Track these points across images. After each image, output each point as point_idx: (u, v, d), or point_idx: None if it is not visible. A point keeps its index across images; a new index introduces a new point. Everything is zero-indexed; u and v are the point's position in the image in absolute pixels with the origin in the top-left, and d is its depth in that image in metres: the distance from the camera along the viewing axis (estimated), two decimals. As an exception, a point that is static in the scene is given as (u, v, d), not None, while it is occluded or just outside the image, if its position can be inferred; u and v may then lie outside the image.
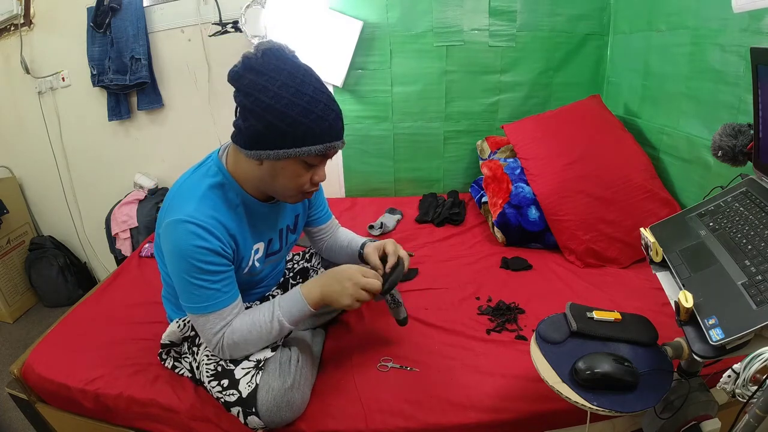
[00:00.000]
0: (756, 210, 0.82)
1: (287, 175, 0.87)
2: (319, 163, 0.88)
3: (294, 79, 0.80)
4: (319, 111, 0.81)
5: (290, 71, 0.81)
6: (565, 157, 1.61)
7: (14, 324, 2.25)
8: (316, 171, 0.89)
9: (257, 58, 0.81)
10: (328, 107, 0.83)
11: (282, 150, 0.82)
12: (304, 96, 0.80)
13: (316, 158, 0.86)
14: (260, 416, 0.87)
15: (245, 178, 0.92)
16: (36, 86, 2.11)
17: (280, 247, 1.07)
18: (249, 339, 0.91)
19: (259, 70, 0.80)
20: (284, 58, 0.82)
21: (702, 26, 1.40)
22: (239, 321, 0.92)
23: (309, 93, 0.81)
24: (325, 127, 0.82)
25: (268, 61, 0.80)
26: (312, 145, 0.82)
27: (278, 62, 0.81)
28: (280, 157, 0.83)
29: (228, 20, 1.90)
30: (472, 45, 1.98)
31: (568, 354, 0.80)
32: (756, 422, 0.60)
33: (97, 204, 2.27)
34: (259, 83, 0.80)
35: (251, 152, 0.84)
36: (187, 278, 0.86)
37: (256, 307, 0.96)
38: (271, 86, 0.79)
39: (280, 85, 0.79)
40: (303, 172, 0.87)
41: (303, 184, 0.89)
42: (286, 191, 0.91)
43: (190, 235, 0.83)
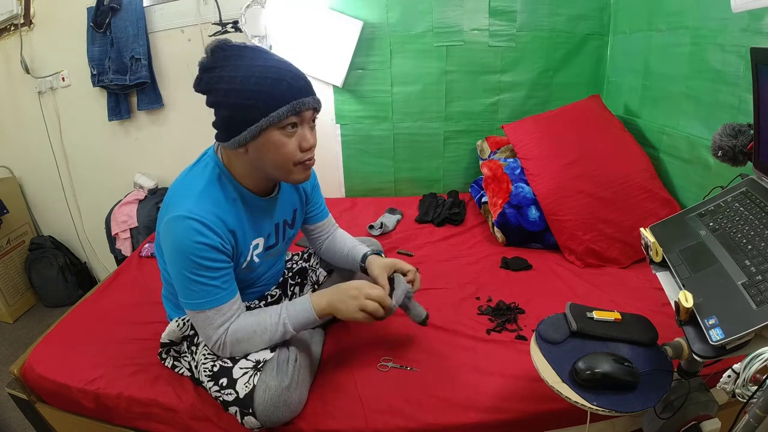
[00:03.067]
0: (756, 210, 0.82)
1: (272, 150, 0.87)
2: (299, 124, 0.88)
3: (242, 59, 0.84)
4: (273, 74, 0.83)
5: (237, 54, 0.85)
6: (565, 157, 1.61)
7: (14, 324, 2.25)
8: (300, 136, 0.88)
9: (207, 59, 0.86)
10: (282, 69, 0.85)
11: (253, 125, 0.83)
12: (254, 68, 0.83)
13: (290, 120, 0.85)
14: (257, 416, 0.87)
15: (241, 172, 0.93)
16: (36, 86, 2.11)
17: (277, 241, 1.07)
18: (252, 338, 0.92)
19: (210, 67, 0.85)
20: (230, 48, 0.86)
21: (702, 26, 1.40)
22: (244, 319, 0.93)
23: (259, 64, 0.84)
24: (285, 87, 0.83)
25: (216, 57, 0.85)
26: (277, 108, 0.83)
27: (224, 53, 0.85)
28: (256, 134, 0.84)
29: (228, 20, 1.90)
30: (472, 45, 1.98)
31: (568, 354, 0.80)
32: (756, 422, 0.60)
33: (97, 204, 2.28)
34: (214, 76, 0.84)
35: (231, 142, 0.86)
36: (186, 274, 0.86)
37: (263, 309, 0.97)
38: (225, 73, 0.83)
39: (230, 69, 0.83)
40: (285, 140, 0.86)
41: (292, 153, 0.88)
42: (280, 167, 0.90)
43: (190, 231, 0.84)
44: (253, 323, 0.93)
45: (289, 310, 0.95)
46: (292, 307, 0.96)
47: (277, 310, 0.95)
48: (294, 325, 0.95)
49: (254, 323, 0.93)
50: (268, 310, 0.96)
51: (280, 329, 0.94)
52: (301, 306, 0.96)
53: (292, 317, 0.95)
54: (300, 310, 0.95)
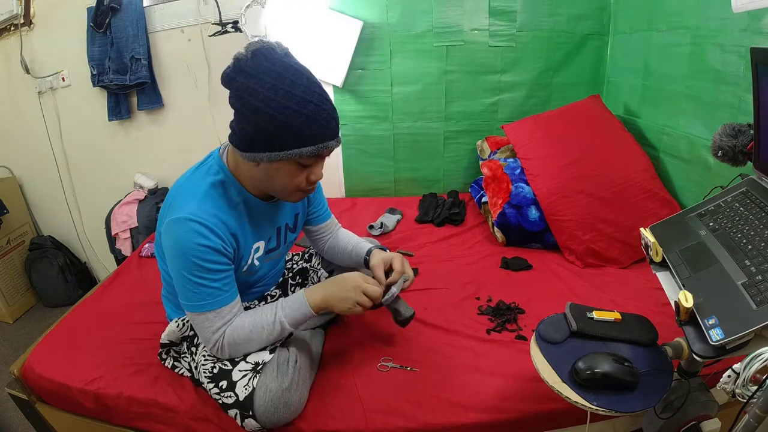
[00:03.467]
0: (756, 210, 0.82)
1: (283, 176, 0.87)
2: (314, 162, 0.88)
3: (283, 80, 0.79)
4: (309, 112, 0.80)
5: (279, 72, 0.80)
6: (565, 157, 1.61)
7: (14, 324, 2.25)
8: (311, 170, 0.89)
9: (246, 60, 0.80)
10: (319, 107, 0.82)
11: (274, 152, 0.82)
12: (294, 97, 0.79)
13: (311, 158, 0.85)
14: (257, 418, 0.87)
15: (245, 177, 0.93)
16: (36, 86, 2.11)
17: (278, 244, 1.07)
18: (250, 339, 0.92)
19: (248, 72, 0.80)
20: (274, 59, 0.81)
21: (702, 26, 1.40)
22: (240, 320, 0.93)
23: (299, 94, 0.80)
24: (317, 128, 0.82)
25: (257, 62, 0.80)
26: (304, 146, 0.82)
27: (268, 63, 0.80)
28: (273, 159, 0.83)
29: (228, 20, 1.90)
30: (472, 45, 1.98)
31: (568, 354, 0.80)
32: (756, 422, 0.60)
33: (97, 204, 2.27)
34: (249, 86, 0.79)
35: (246, 154, 0.85)
36: (187, 276, 0.86)
37: (258, 308, 0.96)
38: (261, 89, 0.79)
39: (269, 87, 0.79)
40: (298, 172, 0.87)
41: (299, 183, 0.89)
42: (284, 191, 0.91)
43: (193, 233, 0.84)
44: (249, 324, 0.92)
45: (284, 307, 0.95)
46: (288, 304, 0.95)
47: (273, 309, 0.95)
48: (291, 322, 0.94)
49: (250, 324, 0.92)
50: (264, 310, 0.95)
51: (277, 328, 0.93)
52: (296, 303, 0.95)
53: (288, 315, 0.94)
54: (295, 308, 0.95)
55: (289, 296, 0.98)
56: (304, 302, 0.95)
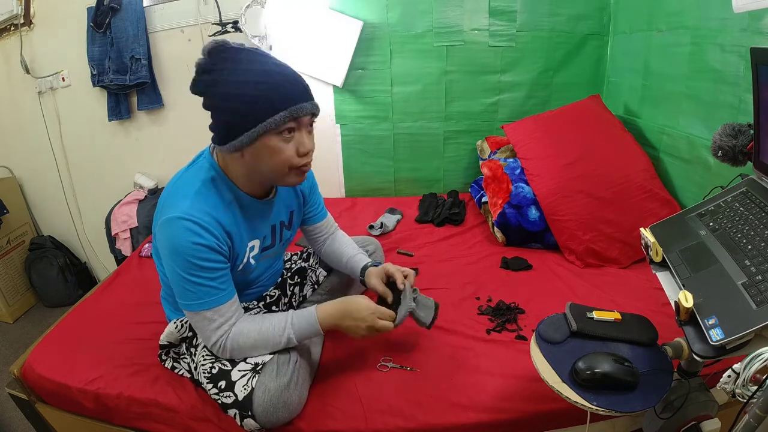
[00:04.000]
0: (756, 210, 0.82)
1: (269, 155, 0.86)
2: (297, 129, 0.87)
3: (239, 63, 0.83)
4: (271, 80, 0.82)
5: (234, 57, 0.83)
6: (565, 157, 1.61)
7: (14, 324, 2.25)
8: (298, 142, 0.87)
9: (204, 60, 0.85)
10: (280, 74, 0.84)
11: (251, 131, 0.82)
12: (252, 72, 0.82)
13: (288, 125, 0.84)
14: (256, 418, 0.87)
15: (237, 175, 0.93)
16: (36, 86, 2.11)
17: (273, 242, 1.07)
18: (255, 345, 0.93)
19: (208, 69, 0.84)
20: (227, 50, 0.84)
21: (702, 26, 1.40)
22: (247, 325, 0.92)
23: (256, 68, 0.82)
24: (282, 93, 0.83)
25: (214, 58, 0.84)
26: (275, 114, 0.82)
27: (223, 54, 0.84)
28: (253, 139, 0.83)
29: (228, 20, 1.90)
30: (472, 45, 1.98)
31: (568, 354, 0.80)
32: (756, 422, 0.60)
33: (97, 204, 2.28)
34: (211, 79, 0.83)
35: (228, 146, 0.85)
36: (183, 275, 0.86)
37: (267, 317, 0.96)
38: (220, 77, 0.82)
39: (227, 72, 0.82)
40: (283, 145, 0.86)
41: (289, 158, 0.87)
42: (277, 172, 0.89)
43: (186, 231, 0.83)
44: (256, 331, 0.92)
45: (294, 323, 0.95)
46: (298, 320, 0.95)
47: (282, 322, 0.94)
48: (298, 338, 0.96)
49: (257, 331, 0.92)
50: (273, 319, 0.95)
51: (284, 341, 0.94)
52: (306, 321, 0.96)
53: (297, 331, 0.95)
54: (305, 326, 0.95)
55: (301, 311, 0.97)
56: (315, 324, 0.96)
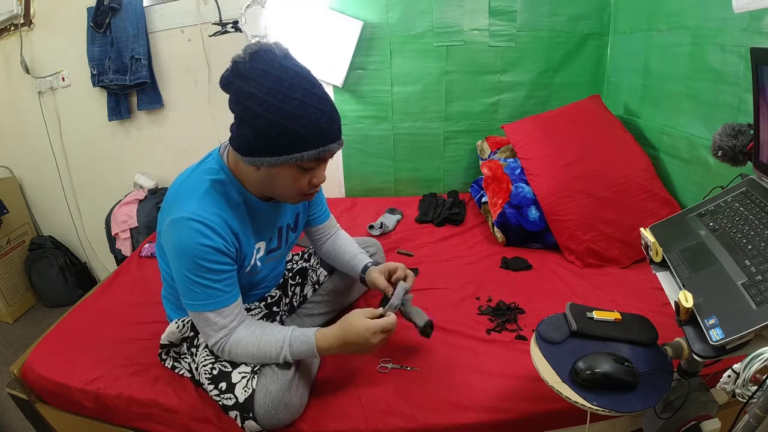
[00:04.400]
0: (756, 210, 0.82)
1: (284, 180, 0.87)
2: (317, 166, 0.88)
3: (281, 83, 0.78)
4: (310, 116, 0.79)
5: (278, 75, 0.78)
6: (565, 157, 1.61)
7: (14, 324, 2.25)
8: (314, 174, 0.88)
9: (244, 63, 0.79)
10: (320, 110, 0.80)
11: (275, 157, 0.81)
12: (293, 101, 0.78)
13: (312, 162, 0.85)
14: (257, 420, 0.87)
15: (246, 179, 0.92)
16: (36, 86, 2.11)
17: (279, 245, 1.07)
18: (252, 357, 0.92)
19: (246, 76, 0.78)
20: (272, 61, 0.79)
21: (702, 26, 1.40)
22: (247, 335, 0.91)
23: (298, 97, 0.78)
24: (317, 132, 0.81)
25: (255, 65, 0.78)
26: (305, 150, 0.81)
27: (266, 66, 0.78)
28: (274, 164, 0.82)
29: (228, 20, 1.90)
30: (472, 45, 1.98)
31: (568, 354, 0.80)
32: (756, 422, 0.60)
33: (97, 204, 2.27)
34: (247, 90, 0.78)
35: (246, 158, 0.84)
36: (189, 276, 0.85)
37: (267, 329, 0.94)
38: (259, 93, 0.77)
39: (267, 91, 0.77)
40: (300, 176, 0.86)
41: (302, 187, 0.89)
42: (285, 194, 0.91)
43: (194, 233, 0.83)
44: (254, 345, 0.91)
45: (292, 346, 0.92)
46: (296, 342, 0.92)
47: (280, 342, 0.91)
48: (294, 359, 0.93)
49: (255, 346, 0.91)
50: (272, 336, 0.92)
51: (280, 360, 0.92)
52: (305, 345, 0.92)
53: (294, 353, 0.92)
54: (304, 349, 0.92)
55: (300, 333, 0.93)
56: (313, 349, 0.91)
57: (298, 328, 0.95)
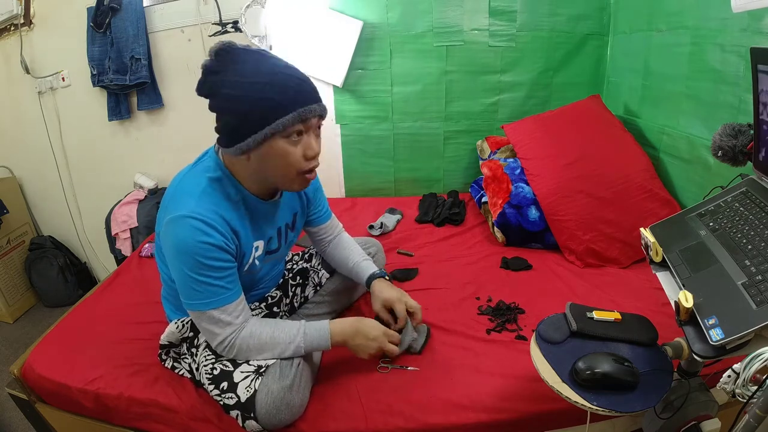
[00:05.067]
0: (756, 210, 0.82)
1: (275, 158, 0.86)
2: (304, 132, 0.86)
3: (246, 64, 0.82)
4: (279, 80, 0.82)
5: (242, 59, 0.83)
6: (565, 157, 1.61)
7: (14, 324, 2.25)
8: (305, 145, 0.87)
9: (211, 62, 0.84)
10: (288, 75, 0.84)
11: (258, 133, 0.82)
12: (259, 74, 0.82)
13: (296, 128, 0.84)
14: (258, 420, 0.87)
15: (242, 176, 0.92)
16: (36, 86, 2.11)
17: (279, 245, 1.07)
18: (263, 350, 0.93)
19: (215, 71, 0.83)
20: (233, 51, 0.83)
21: (702, 26, 1.40)
22: (260, 328, 0.93)
23: (263, 69, 0.82)
24: (291, 95, 0.83)
25: (220, 60, 0.83)
26: (283, 116, 0.82)
27: (230, 56, 0.83)
28: (260, 142, 0.83)
29: (228, 20, 1.90)
30: (472, 45, 1.98)
31: (568, 354, 0.80)
32: (756, 422, 0.60)
33: (97, 204, 2.27)
34: (218, 80, 0.83)
35: (234, 148, 0.85)
36: (190, 274, 0.85)
37: (281, 323, 0.97)
38: (229, 78, 0.82)
39: (234, 73, 0.81)
40: (290, 149, 0.85)
41: (296, 162, 0.87)
42: (283, 176, 0.89)
43: (194, 230, 0.83)
44: (268, 335, 0.93)
45: (306, 334, 0.95)
46: (310, 332, 0.96)
47: (294, 332, 0.95)
48: (307, 350, 0.96)
49: (270, 336, 0.93)
50: (285, 328, 0.95)
51: (291, 350, 0.94)
52: (319, 335, 0.97)
53: (307, 343, 0.95)
54: (316, 340, 0.96)
55: (313, 325, 0.98)
56: (327, 338, 0.97)
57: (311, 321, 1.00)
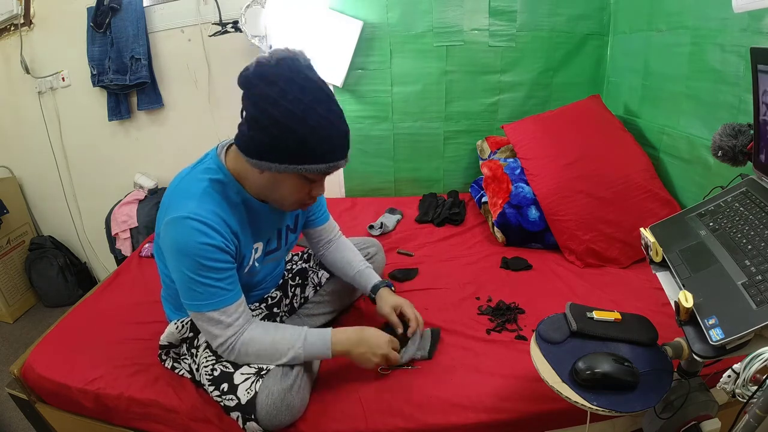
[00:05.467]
0: (756, 210, 0.82)
1: (286, 188, 0.87)
2: (320, 179, 0.89)
3: (305, 94, 0.77)
4: (326, 131, 0.80)
5: (302, 85, 0.78)
6: (565, 157, 1.61)
7: (14, 324, 2.25)
8: (316, 186, 0.90)
9: (270, 66, 0.78)
10: (336, 127, 0.82)
11: (284, 165, 0.81)
12: (313, 114, 0.78)
13: (318, 175, 0.86)
14: (259, 421, 0.87)
15: (246, 180, 0.92)
16: (36, 86, 2.11)
17: (278, 246, 1.07)
18: (261, 357, 0.93)
19: (271, 80, 0.77)
20: (298, 70, 0.79)
21: (702, 26, 1.40)
22: (261, 334, 0.92)
23: (319, 111, 0.78)
24: (330, 148, 0.82)
25: (281, 71, 0.77)
26: (314, 163, 0.82)
27: (291, 74, 0.78)
28: (281, 171, 0.83)
29: (228, 20, 1.90)
30: (472, 45, 1.98)
31: (568, 354, 0.80)
32: (756, 422, 0.60)
33: (97, 204, 2.27)
34: (270, 95, 0.77)
35: (253, 161, 0.83)
36: (190, 276, 0.85)
37: (281, 329, 0.96)
38: (281, 100, 0.76)
39: (290, 99, 0.76)
40: (303, 186, 0.88)
41: (302, 197, 0.90)
42: (283, 202, 0.92)
43: (194, 231, 0.83)
44: (268, 342, 0.92)
45: (306, 344, 0.94)
46: (311, 340, 0.94)
47: (295, 339, 0.94)
48: (306, 357, 0.95)
49: (270, 342, 0.92)
50: (286, 334, 0.94)
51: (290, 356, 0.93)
52: (321, 343, 0.95)
53: (307, 352, 0.94)
54: (319, 347, 0.95)
55: (315, 333, 0.96)
56: (328, 347, 0.95)
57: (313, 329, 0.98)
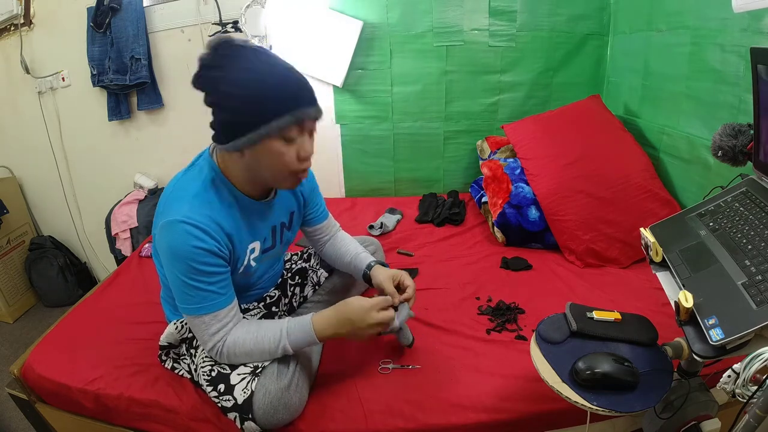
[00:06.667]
0: (756, 210, 0.82)
1: (270, 157, 0.86)
2: (299, 135, 0.87)
3: (246, 61, 0.81)
4: (277, 80, 0.82)
5: (241, 55, 0.81)
6: (565, 157, 1.61)
7: (14, 324, 2.25)
8: (300, 146, 0.87)
9: (208, 56, 0.82)
10: (286, 75, 0.83)
11: (254, 132, 0.82)
12: (258, 72, 0.81)
13: (292, 130, 0.84)
14: (256, 420, 0.87)
15: (236, 175, 0.92)
16: (36, 86, 2.11)
17: (274, 244, 1.07)
18: (251, 354, 0.92)
19: (212, 65, 0.82)
20: (232, 48, 0.82)
21: (702, 26, 1.40)
22: (243, 334, 0.91)
23: (261, 68, 0.81)
24: (288, 95, 0.82)
25: (218, 55, 0.82)
26: (280, 115, 0.82)
27: (229, 51, 0.81)
28: (255, 140, 0.82)
29: (228, 20, 1.90)
30: (472, 45, 1.98)
31: (568, 354, 0.80)
32: (756, 422, 0.60)
33: (97, 204, 2.28)
34: (215, 76, 0.81)
35: (228, 145, 0.84)
36: (183, 279, 0.85)
37: (263, 324, 0.95)
38: (226, 75, 0.80)
39: (232, 70, 0.80)
40: (284, 149, 0.85)
41: (289, 162, 0.87)
42: (276, 174, 0.90)
43: (186, 235, 0.83)
44: (251, 341, 0.91)
45: (290, 333, 0.93)
46: (293, 330, 0.93)
47: (277, 332, 0.92)
48: (294, 348, 0.94)
49: (252, 342, 0.91)
50: (268, 330, 0.93)
51: (280, 351, 0.92)
52: (302, 331, 0.93)
53: (293, 342, 0.93)
54: (301, 335, 0.93)
55: (296, 322, 0.94)
56: (311, 334, 0.93)
57: (294, 318, 0.96)
